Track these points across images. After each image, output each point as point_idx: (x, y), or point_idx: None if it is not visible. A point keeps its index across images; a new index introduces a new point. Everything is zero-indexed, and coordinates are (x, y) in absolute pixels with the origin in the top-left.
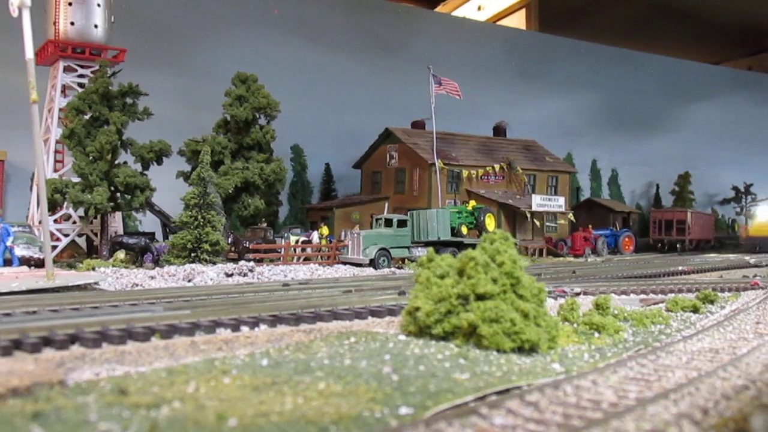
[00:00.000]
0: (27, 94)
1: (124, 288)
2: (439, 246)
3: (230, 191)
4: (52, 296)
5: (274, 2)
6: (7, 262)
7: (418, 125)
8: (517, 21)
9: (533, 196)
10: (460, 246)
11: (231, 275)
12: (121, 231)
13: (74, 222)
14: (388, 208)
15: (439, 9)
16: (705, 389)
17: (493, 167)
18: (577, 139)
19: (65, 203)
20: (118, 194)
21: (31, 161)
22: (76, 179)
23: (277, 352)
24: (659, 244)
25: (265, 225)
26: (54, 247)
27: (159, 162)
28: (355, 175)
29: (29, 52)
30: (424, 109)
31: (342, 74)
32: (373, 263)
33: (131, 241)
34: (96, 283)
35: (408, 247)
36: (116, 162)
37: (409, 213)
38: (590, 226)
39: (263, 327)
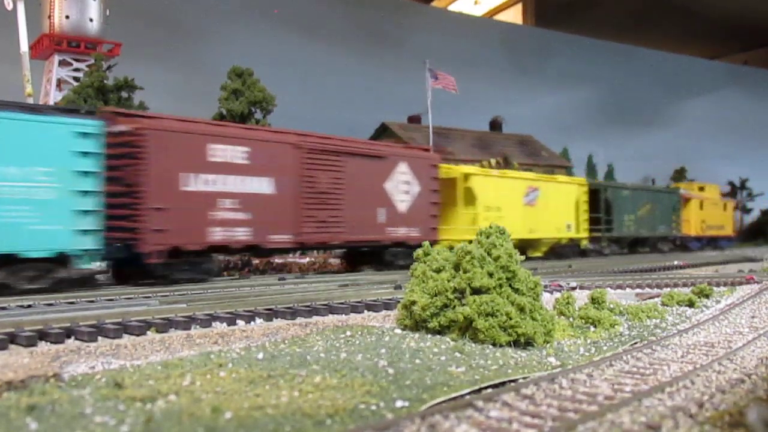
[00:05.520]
0: (22, 87)
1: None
2: None
3: None
4: (47, 290)
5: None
6: None
7: (414, 120)
8: (514, 16)
9: None
10: None
11: None
12: None
13: None
14: None
15: (435, 4)
16: (700, 382)
17: (489, 162)
18: (573, 134)
19: None
20: None
21: None
22: None
23: (273, 346)
24: None
25: None
26: None
27: None
28: None
29: (24, 46)
30: (421, 104)
31: (339, 69)
32: None
33: None
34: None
35: None
36: None
37: None
38: None
39: (259, 321)
